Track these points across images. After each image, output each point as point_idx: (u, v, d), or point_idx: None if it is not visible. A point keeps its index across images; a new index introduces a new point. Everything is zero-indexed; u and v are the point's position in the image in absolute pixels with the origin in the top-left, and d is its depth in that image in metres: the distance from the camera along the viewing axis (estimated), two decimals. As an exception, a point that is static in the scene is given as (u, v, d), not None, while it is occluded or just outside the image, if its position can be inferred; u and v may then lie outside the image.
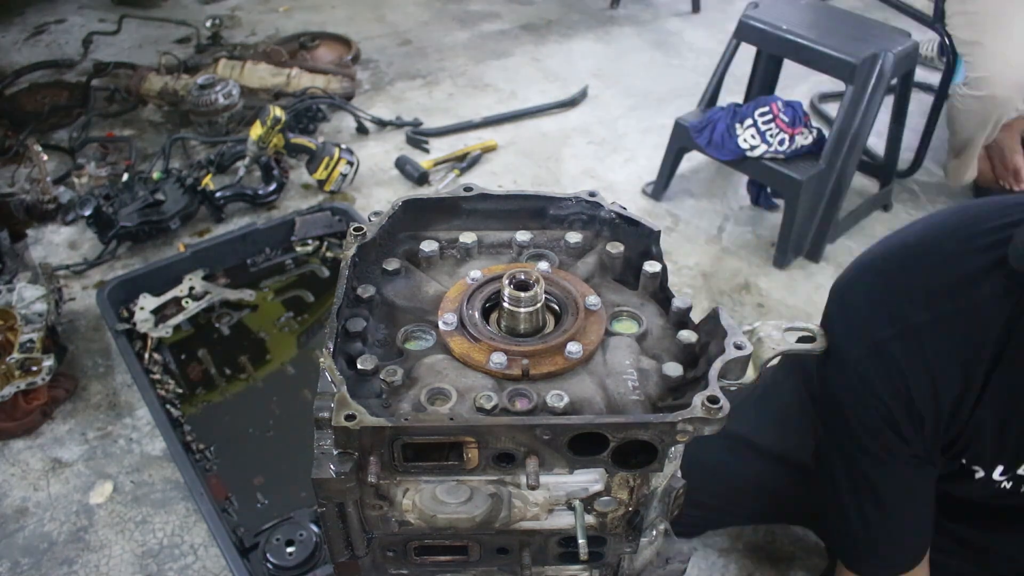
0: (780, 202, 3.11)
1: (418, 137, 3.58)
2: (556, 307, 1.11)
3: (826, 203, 2.85)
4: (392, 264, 1.18)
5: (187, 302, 2.60)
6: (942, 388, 1.22)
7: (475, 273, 1.14)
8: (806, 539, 2.09)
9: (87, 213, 2.82)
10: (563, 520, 1.11)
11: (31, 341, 2.30)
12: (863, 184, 3.29)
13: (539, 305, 1.05)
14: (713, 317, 1.06)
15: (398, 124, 3.68)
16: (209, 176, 3.09)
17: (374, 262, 1.20)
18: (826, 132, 2.83)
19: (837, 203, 2.87)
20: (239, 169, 3.11)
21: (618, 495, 1.07)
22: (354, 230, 1.18)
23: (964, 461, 1.35)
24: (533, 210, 1.26)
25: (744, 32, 2.89)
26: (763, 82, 3.16)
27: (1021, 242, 1.13)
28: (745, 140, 2.81)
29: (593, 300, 1.10)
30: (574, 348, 1.03)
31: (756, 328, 1.10)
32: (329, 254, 2.87)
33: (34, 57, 4.16)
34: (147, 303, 2.56)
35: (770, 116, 2.79)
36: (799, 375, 1.69)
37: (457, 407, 0.98)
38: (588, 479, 1.05)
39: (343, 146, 3.20)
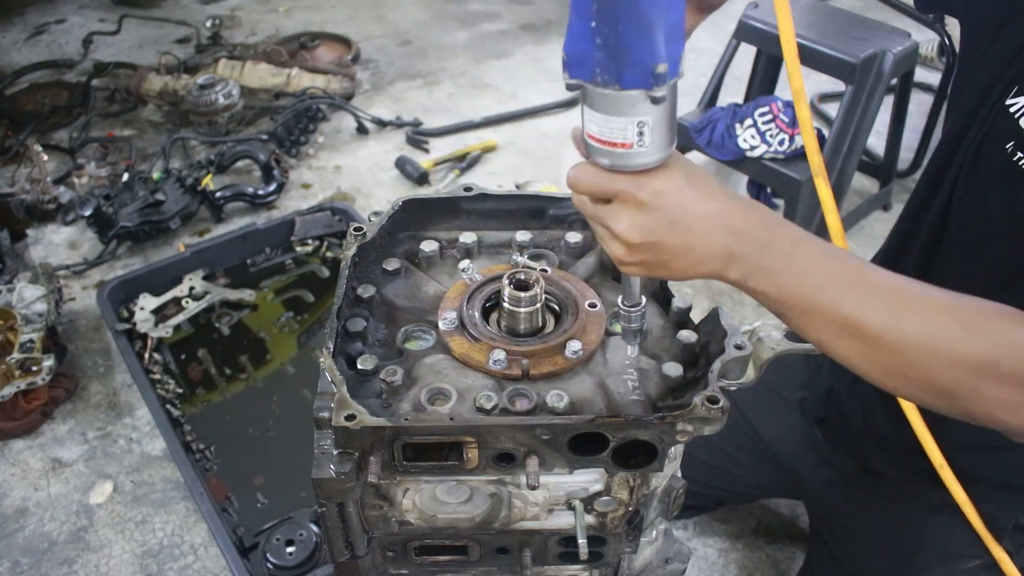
0: (780, 202, 3.11)
1: (418, 137, 3.58)
2: (556, 307, 1.11)
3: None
4: (392, 264, 1.18)
5: (187, 302, 2.60)
6: None
7: (474, 276, 1.14)
8: (806, 539, 2.09)
9: (87, 213, 2.82)
10: (563, 520, 1.11)
11: (31, 341, 2.30)
12: (863, 184, 3.29)
13: (539, 305, 1.05)
14: (713, 317, 1.06)
15: (398, 124, 3.68)
16: (209, 176, 3.09)
17: (374, 262, 1.20)
18: (826, 132, 2.83)
19: (837, 203, 2.87)
20: None
21: (618, 495, 1.07)
22: (354, 230, 1.18)
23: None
24: (533, 210, 1.26)
25: (744, 32, 2.89)
26: (763, 82, 3.16)
27: None
28: (745, 140, 2.81)
29: (593, 300, 1.10)
30: (574, 348, 1.03)
31: (756, 328, 1.10)
32: (329, 254, 2.87)
33: (34, 57, 4.16)
34: (147, 303, 2.56)
35: (770, 116, 2.79)
36: None
37: (457, 407, 0.98)
38: (588, 479, 1.05)
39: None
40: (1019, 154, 1.14)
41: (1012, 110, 1.16)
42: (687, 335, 1.09)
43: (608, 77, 0.75)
